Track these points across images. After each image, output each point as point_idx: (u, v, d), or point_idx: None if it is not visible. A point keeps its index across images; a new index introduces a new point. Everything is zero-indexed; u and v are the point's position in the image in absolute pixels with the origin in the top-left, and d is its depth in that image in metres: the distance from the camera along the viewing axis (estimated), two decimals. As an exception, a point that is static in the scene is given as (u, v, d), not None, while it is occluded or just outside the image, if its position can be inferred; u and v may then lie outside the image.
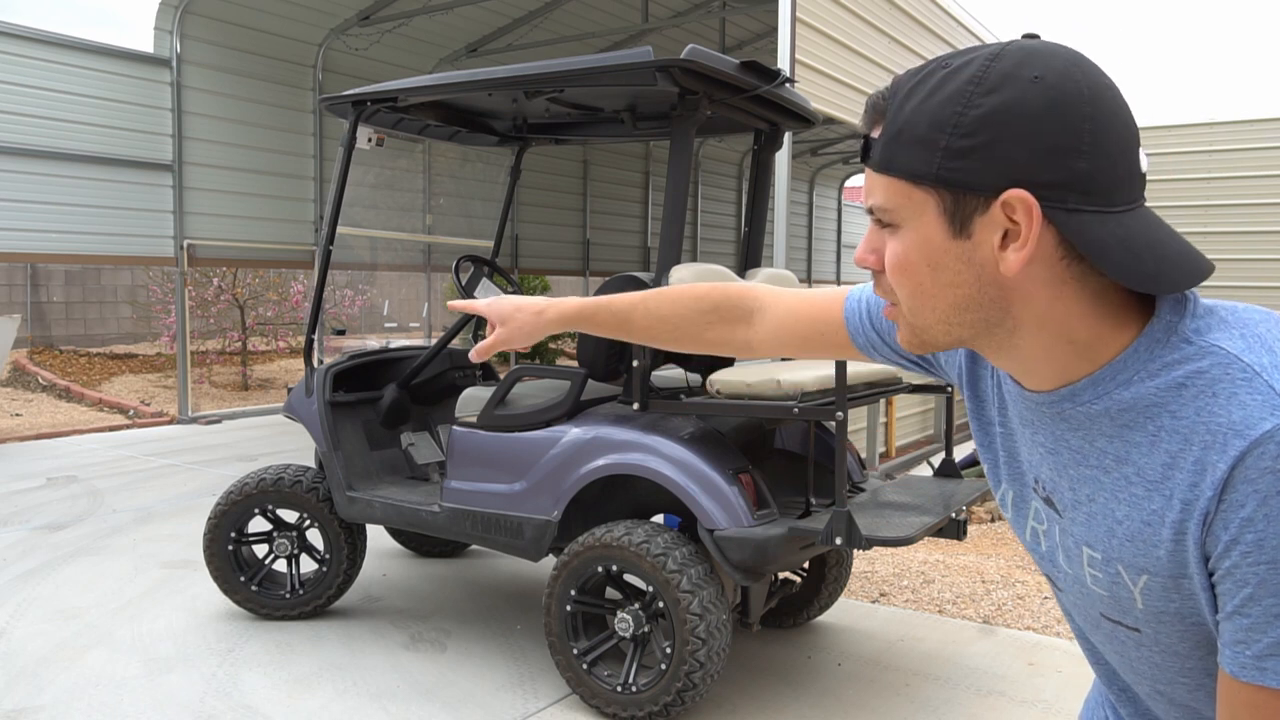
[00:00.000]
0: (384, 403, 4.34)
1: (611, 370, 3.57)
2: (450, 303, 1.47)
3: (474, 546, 5.15)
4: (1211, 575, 0.84)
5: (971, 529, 5.98)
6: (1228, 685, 0.82)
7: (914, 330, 0.94)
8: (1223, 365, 0.83)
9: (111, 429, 9.56)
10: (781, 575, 4.21)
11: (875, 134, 0.91)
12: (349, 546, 4.13)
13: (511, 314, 1.39)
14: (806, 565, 4.16)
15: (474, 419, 3.75)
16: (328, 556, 4.15)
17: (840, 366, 3.10)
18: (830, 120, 7.02)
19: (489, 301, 1.41)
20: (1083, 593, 1.00)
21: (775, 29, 8.00)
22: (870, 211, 0.93)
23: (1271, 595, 0.78)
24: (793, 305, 1.29)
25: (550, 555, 3.77)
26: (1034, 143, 0.82)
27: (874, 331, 1.20)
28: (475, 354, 1.40)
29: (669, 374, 3.95)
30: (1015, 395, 1.01)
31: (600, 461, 3.39)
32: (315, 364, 4.26)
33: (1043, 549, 1.05)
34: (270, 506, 4.14)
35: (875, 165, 0.90)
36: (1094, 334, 0.89)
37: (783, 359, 5.09)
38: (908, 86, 0.89)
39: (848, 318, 1.23)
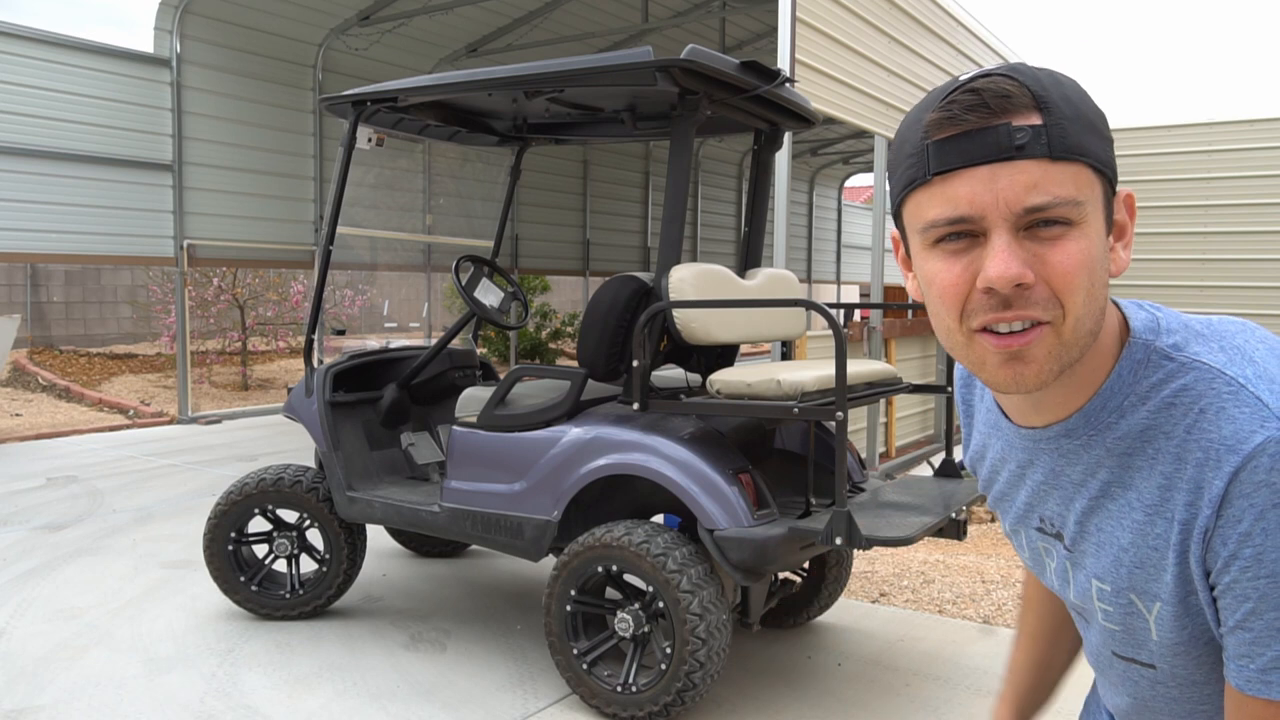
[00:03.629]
0: (384, 403, 4.34)
1: (611, 370, 3.56)
2: None
3: (474, 546, 5.15)
4: (1213, 590, 0.83)
5: (971, 529, 5.97)
6: (1235, 699, 0.83)
7: (1067, 348, 0.82)
8: (1207, 380, 0.83)
9: (111, 429, 9.56)
10: (781, 575, 4.21)
11: (1019, 121, 0.79)
12: (349, 546, 4.13)
13: None
14: (806, 565, 4.16)
15: (474, 419, 3.75)
16: (328, 556, 4.15)
17: (840, 366, 3.08)
18: (830, 120, 7.02)
19: None
20: (1096, 631, 0.99)
21: (775, 29, 8.00)
22: (1034, 210, 0.78)
23: (1273, 609, 0.78)
24: (1035, 591, 1.27)
25: (550, 555, 3.77)
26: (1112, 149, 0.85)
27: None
28: None
29: (669, 374, 3.95)
30: (1009, 434, 1.00)
31: (600, 461, 3.39)
32: (315, 364, 4.26)
33: (1048, 574, 1.04)
34: (270, 506, 4.14)
35: (1062, 150, 0.78)
36: (1112, 345, 0.89)
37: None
38: (1039, 75, 0.81)
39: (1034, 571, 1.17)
